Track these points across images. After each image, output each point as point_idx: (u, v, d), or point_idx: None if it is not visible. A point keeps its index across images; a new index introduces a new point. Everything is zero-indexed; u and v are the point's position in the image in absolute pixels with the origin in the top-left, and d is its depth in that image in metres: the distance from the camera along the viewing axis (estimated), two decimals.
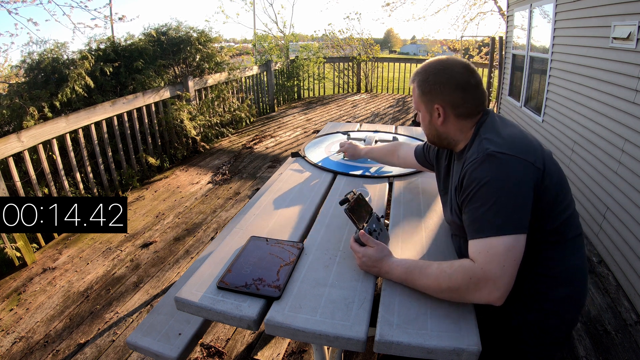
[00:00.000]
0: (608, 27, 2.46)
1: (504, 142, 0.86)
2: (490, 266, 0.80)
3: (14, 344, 1.80)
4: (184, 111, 4.16)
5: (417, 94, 1.03)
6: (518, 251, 0.81)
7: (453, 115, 0.99)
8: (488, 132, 0.92)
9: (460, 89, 0.97)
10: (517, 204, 0.82)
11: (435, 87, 0.98)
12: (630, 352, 1.70)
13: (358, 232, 0.97)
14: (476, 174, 0.85)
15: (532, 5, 4.17)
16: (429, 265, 0.89)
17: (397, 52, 49.69)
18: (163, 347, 1.16)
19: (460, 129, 1.00)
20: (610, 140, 2.37)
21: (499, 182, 0.82)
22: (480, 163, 0.85)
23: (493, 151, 0.84)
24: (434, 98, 0.99)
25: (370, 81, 8.69)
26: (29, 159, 2.52)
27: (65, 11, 8.64)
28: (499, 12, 10.16)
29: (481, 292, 0.80)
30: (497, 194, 0.82)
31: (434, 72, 0.99)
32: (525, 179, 0.83)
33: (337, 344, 0.80)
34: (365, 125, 2.49)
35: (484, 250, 0.82)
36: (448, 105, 0.98)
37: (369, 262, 0.95)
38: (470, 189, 0.86)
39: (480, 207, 0.84)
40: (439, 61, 1.01)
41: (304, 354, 1.71)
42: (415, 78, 1.04)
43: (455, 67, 0.98)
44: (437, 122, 1.01)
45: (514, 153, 0.84)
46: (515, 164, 0.83)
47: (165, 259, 2.45)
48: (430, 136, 1.08)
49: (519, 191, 0.82)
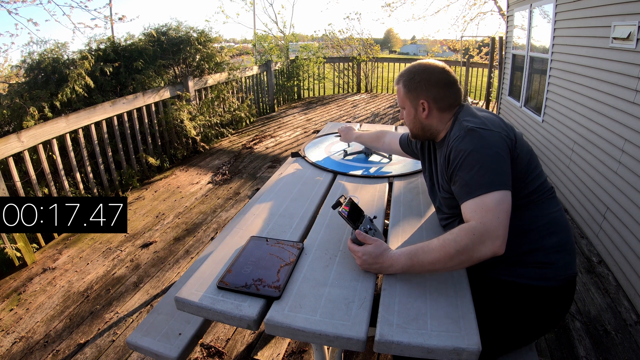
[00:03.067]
0: (608, 27, 2.46)
1: (481, 121, 1.02)
2: (487, 219, 0.89)
3: (14, 344, 1.80)
4: (184, 111, 4.16)
5: (403, 92, 1.16)
6: (507, 204, 0.92)
7: (436, 109, 1.13)
8: (465, 115, 1.07)
9: (441, 85, 1.12)
10: (499, 166, 0.94)
11: (420, 84, 1.12)
12: (630, 352, 1.70)
13: (354, 232, 0.98)
14: (461, 146, 0.98)
15: (532, 5, 4.17)
16: (429, 242, 0.94)
17: (397, 52, 49.68)
18: (163, 347, 1.16)
19: (441, 120, 1.14)
20: (610, 140, 2.37)
21: (482, 150, 0.95)
22: (463, 137, 0.99)
23: (473, 126, 0.99)
24: (419, 94, 1.13)
25: (370, 81, 8.69)
26: (29, 159, 2.52)
27: (65, 11, 8.65)
28: (499, 12, 10.17)
29: (485, 245, 0.88)
30: (482, 160, 0.95)
31: (418, 72, 1.14)
32: (502, 147, 0.97)
33: (337, 344, 0.80)
34: (365, 126, 2.49)
35: (478, 207, 0.92)
36: (431, 99, 1.12)
37: (369, 259, 0.95)
38: (458, 160, 0.98)
39: (468, 172, 0.96)
40: (420, 64, 1.16)
41: (304, 354, 1.71)
42: (400, 79, 1.17)
43: (435, 68, 1.14)
44: (421, 115, 1.15)
45: (490, 128, 0.99)
46: (492, 135, 0.97)
47: (165, 259, 2.45)
48: (415, 129, 1.20)
49: (500, 156, 0.95)
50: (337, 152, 1.95)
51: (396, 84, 1.20)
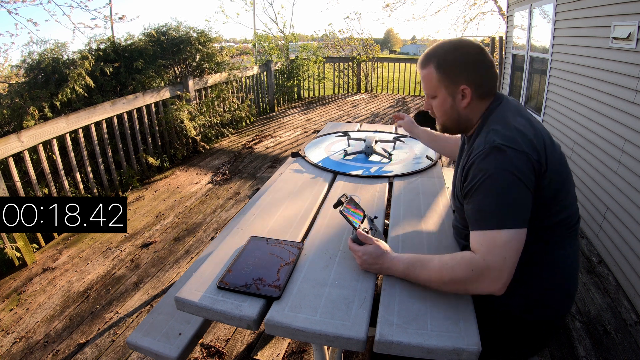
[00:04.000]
0: (608, 27, 2.46)
1: (511, 135, 0.85)
2: (492, 257, 0.81)
3: (14, 344, 1.80)
4: (184, 111, 4.16)
5: (435, 76, 0.96)
6: (519, 244, 0.82)
7: (475, 96, 0.95)
8: (496, 122, 0.91)
9: (482, 67, 0.94)
10: (519, 197, 0.83)
11: (460, 66, 0.94)
12: (630, 352, 1.70)
13: (355, 232, 0.98)
14: (482, 164, 0.85)
15: (532, 5, 4.17)
16: (430, 259, 0.90)
17: (397, 52, 49.68)
18: (163, 347, 1.16)
19: (478, 110, 0.97)
20: (610, 140, 2.37)
21: (504, 175, 0.82)
22: (486, 155, 0.85)
23: (499, 144, 0.84)
24: (458, 78, 0.94)
25: (370, 81, 8.69)
26: (29, 159, 2.52)
27: (65, 11, 8.64)
28: (499, 12, 10.17)
29: (483, 282, 0.82)
30: (501, 187, 0.83)
31: (453, 50, 0.94)
32: (528, 174, 0.83)
33: (337, 344, 0.80)
34: (366, 125, 2.49)
35: (486, 242, 0.83)
36: (472, 84, 0.94)
37: (369, 259, 0.95)
38: (476, 180, 0.86)
39: (484, 198, 0.85)
40: (451, 42, 0.97)
41: (304, 354, 1.71)
42: (429, 60, 0.97)
43: (471, 45, 0.95)
44: (460, 104, 0.97)
45: (519, 147, 0.83)
46: (520, 158, 0.83)
47: (165, 259, 2.45)
48: (449, 121, 1.02)
49: (522, 186, 0.82)
50: (337, 152, 1.94)
51: (423, 68, 0.99)
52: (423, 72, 1.00)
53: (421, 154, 1.89)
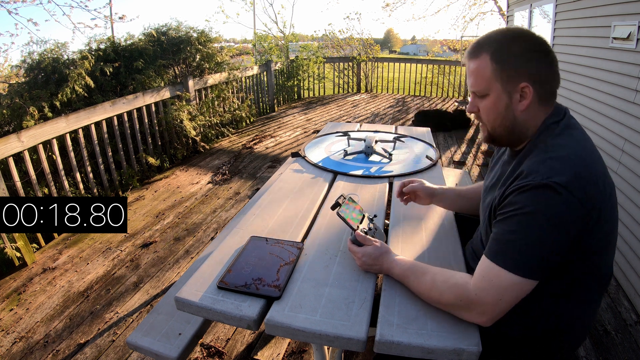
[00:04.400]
0: (608, 27, 2.46)
1: (574, 172, 0.71)
2: (487, 295, 0.76)
3: (14, 344, 1.80)
4: (183, 111, 4.16)
5: (490, 69, 0.80)
6: (522, 293, 0.75)
7: (536, 99, 0.80)
8: (559, 147, 0.76)
9: (546, 62, 0.79)
10: (548, 250, 0.72)
11: (522, 58, 0.78)
12: (630, 352, 1.70)
13: (354, 234, 0.98)
14: (526, 198, 0.73)
15: (532, 5, 4.17)
16: (425, 272, 0.87)
17: (397, 52, 49.68)
18: (163, 347, 1.16)
19: (535, 118, 0.81)
20: (610, 140, 2.37)
21: (544, 220, 0.71)
22: (536, 188, 0.72)
23: (556, 183, 0.70)
24: (520, 73, 0.78)
25: (370, 81, 8.69)
26: (29, 159, 2.52)
27: (65, 11, 8.65)
28: (499, 12, 10.16)
29: (470, 314, 0.79)
30: (535, 231, 0.72)
31: (513, 39, 0.79)
32: (572, 228, 0.71)
33: (337, 344, 0.80)
34: (366, 125, 2.49)
35: (488, 276, 0.76)
36: (537, 82, 0.78)
37: (369, 260, 0.94)
38: (512, 209, 0.75)
39: (509, 233, 0.75)
40: (509, 29, 0.83)
41: (304, 354, 1.71)
42: (482, 49, 0.81)
43: (533, 35, 0.80)
44: (518, 106, 0.80)
45: (577, 193, 0.70)
46: (570, 205, 0.70)
47: (165, 259, 2.45)
48: (501, 128, 0.84)
49: (559, 239, 0.71)
50: (337, 152, 1.94)
51: (474, 58, 0.82)
52: (473, 63, 0.82)
53: (421, 154, 1.89)
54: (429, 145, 2.04)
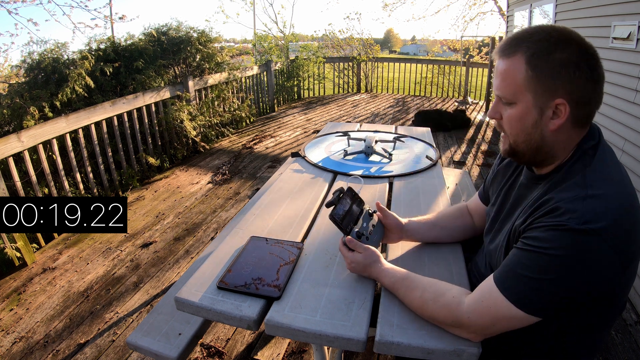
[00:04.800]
0: (608, 27, 2.46)
1: (611, 218, 0.62)
2: (480, 318, 0.72)
3: (14, 344, 1.80)
4: (183, 111, 4.16)
5: (524, 73, 0.67)
6: (519, 325, 0.69)
7: (571, 120, 0.68)
8: (599, 183, 0.66)
9: (595, 79, 0.66)
10: (562, 293, 0.64)
11: (564, 69, 0.64)
12: (630, 352, 1.70)
13: (345, 237, 0.95)
14: (556, 237, 0.64)
15: (532, 5, 4.17)
16: (415, 286, 0.83)
17: (397, 52, 49.68)
18: (163, 347, 1.16)
19: (568, 143, 0.71)
20: (610, 140, 2.37)
21: (569, 264, 0.62)
22: (571, 231, 0.62)
23: (593, 230, 0.61)
24: (557, 86, 0.66)
25: (370, 81, 8.69)
26: (29, 159, 2.52)
27: (65, 11, 8.64)
28: (499, 12, 10.17)
29: (460, 330, 0.77)
30: (553, 273, 0.64)
31: (557, 43, 0.65)
32: (600, 275, 0.63)
33: (337, 344, 0.80)
34: (366, 125, 2.49)
35: (486, 302, 0.71)
36: (575, 101, 0.66)
37: (358, 267, 0.93)
38: (537, 245, 0.66)
39: (526, 268, 0.66)
40: (556, 29, 0.66)
41: (304, 354, 1.71)
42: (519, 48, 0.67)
43: (583, 41, 0.66)
44: (549, 124, 0.69)
45: (614, 240, 0.61)
46: (604, 256, 0.62)
47: (165, 259, 2.45)
48: (524, 145, 0.73)
49: (577, 285, 0.63)
50: (337, 152, 1.94)
51: (507, 56, 0.69)
52: (504, 63, 0.69)
53: (421, 154, 1.89)
54: (429, 145, 2.04)
